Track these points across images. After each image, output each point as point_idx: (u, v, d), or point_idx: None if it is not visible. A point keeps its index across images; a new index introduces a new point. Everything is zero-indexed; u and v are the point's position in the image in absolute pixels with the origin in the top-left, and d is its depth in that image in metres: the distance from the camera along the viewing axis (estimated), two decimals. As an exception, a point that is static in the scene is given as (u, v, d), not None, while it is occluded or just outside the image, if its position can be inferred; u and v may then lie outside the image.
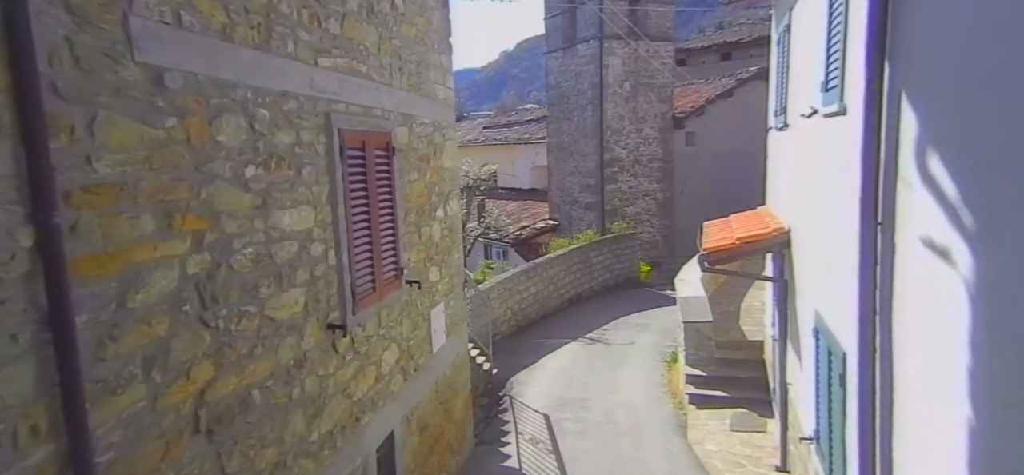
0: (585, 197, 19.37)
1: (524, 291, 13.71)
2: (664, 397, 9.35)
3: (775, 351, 7.64)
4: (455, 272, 6.96)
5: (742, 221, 7.58)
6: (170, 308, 2.86)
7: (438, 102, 6.42)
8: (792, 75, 6.46)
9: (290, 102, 3.80)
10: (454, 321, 6.92)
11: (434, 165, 6.31)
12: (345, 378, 4.45)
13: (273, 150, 3.63)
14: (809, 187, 5.24)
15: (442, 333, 6.46)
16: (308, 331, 3.96)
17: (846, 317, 3.89)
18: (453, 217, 6.91)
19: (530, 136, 23.96)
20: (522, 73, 65.18)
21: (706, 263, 6.60)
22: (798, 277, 5.87)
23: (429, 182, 6.17)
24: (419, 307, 5.87)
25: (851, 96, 3.79)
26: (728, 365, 8.90)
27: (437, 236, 6.39)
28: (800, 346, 5.76)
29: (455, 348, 6.96)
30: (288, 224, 3.76)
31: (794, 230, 6.18)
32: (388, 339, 5.17)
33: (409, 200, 5.66)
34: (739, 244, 6.52)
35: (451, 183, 6.86)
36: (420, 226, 5.93)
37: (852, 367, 3.74)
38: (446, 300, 6.65)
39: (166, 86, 2.85)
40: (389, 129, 5.13)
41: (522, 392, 9.85)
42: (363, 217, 4.65)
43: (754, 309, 10.56)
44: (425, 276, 6.01)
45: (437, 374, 6.33)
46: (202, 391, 3.07)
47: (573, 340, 12.46)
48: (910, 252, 2.96)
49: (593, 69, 18.47)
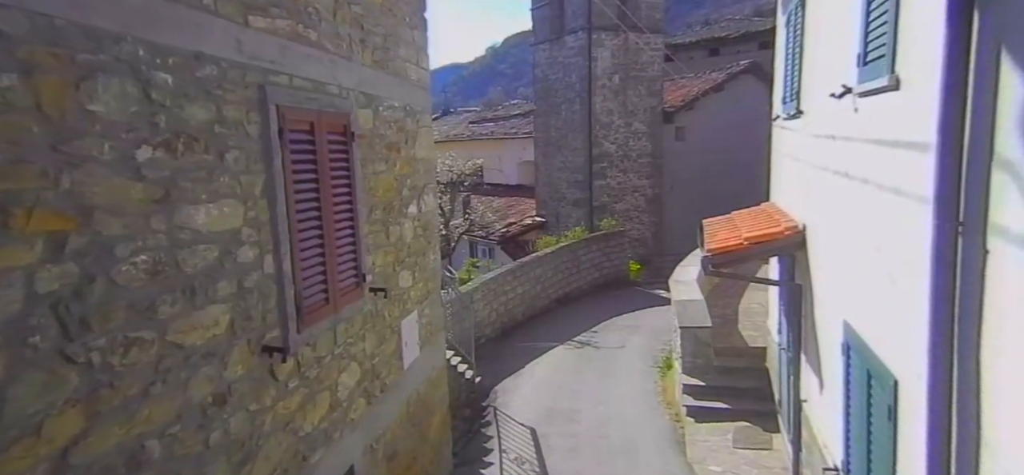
0: (573, 193, 18.61)
1: (510, 291, 12.91)
2: (659, 408, 8.60)
3: (781, 360, 6.91)
4: (431, 275, 6.14)
5: (747, 219, 6.83)
6: (5, 342, 2.02)
7: (410, 83, 5.58)
8: (807, 56, 5.71)
9: (207, 67, 2.95)
10: (430, 331, 6.10)
11: (405, 155, 5.48)
12: (288, 410, 3.61)
13: (181, 127, 2.78)
14: (834, 180, 4.48)
15: (415, 345, 5.64)
16: (234, 357, 3.12)
17: (901, 338, 3.13)
18: (429, 214, 6.08)
19: (517, 131, 23.14)
20: (509, 69, 64.12)
21: (710, 265, 5.84)
22: (817, 283, 5.12)
23: (399, 174, 5.33)
24: (387, 318, 5.04)
25: (910, 64, 3.02)
26: (728, 374, 8.17)
27: (409, 236, 5.56)
28: (820, 361, 5.01)
29: (431, 361, 6.13)
30: (205, 223, 2.92)
31: (810, 229, 5.43)
32: (347, 358, 4.34)
33: (375, 194, 4.83)
34: (748, 245, 5.76)
35: (426, 176, 6.03)
36: (388, 224, 5.09)
37: (912, 401, 2.98)
38: (420, 307, 5.82)
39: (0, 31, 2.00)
40: (347, 110, 4.29)
41: (507, 402, 9.05)
42: (313, 214, 3.81)
43: (753, 312, 9.84)
44: (394, 282, 5.18)
45: (409, 393, 5.51)
46: (65, 450, 2.22)
47: (561, 343, 11.68)
48: (1009, 262, 2.20)
49: (581, 61, 17.68)
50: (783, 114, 6.89)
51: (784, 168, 7.05)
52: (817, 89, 5.09)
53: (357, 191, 4.38)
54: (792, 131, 6.39)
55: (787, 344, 6.46)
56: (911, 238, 2.95)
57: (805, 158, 5.66)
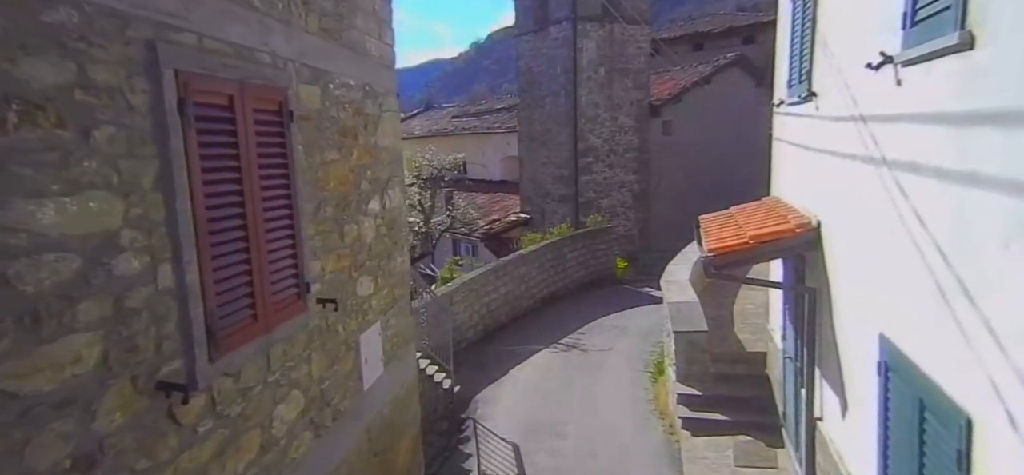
0: (558, 189, 17.87)
1: (493, 292, 12.12)
2: (651, 418, 7.89)
3: (786, 370, 6.22)
4: (398, 281, 5.34)
5: (750, 215, 6.12)
6: None
7: (369, 59, 4.77)
8: (821, 30, 4.99)
9: (61, 10, 2.13)
10: (397, 343, 5.30)
11: (365, 142, 4.67)
12: (198, 461, 2.80)
13: (15, 91, 1.97)
14: (863, 169, 3.77)
15: (378, 362, 4.84)
16: (109, 403, 2.31)
17: (980, 365, 2.41)
18: (395, 211, 5.28)
19: (501, 125, 22.35)
20: (494, 65, 63.07)
21: (712, 268, 5.12)
22: (838, 287, 4.41)
23: (357, 164, 4.52)
24: (341, 333, 4.23)
25: (999, 13, 2.30)
26: (726, 382, 7.48)
27: (370, 236, 4.75)
28: (842, 378, 4.31)
29: (399, 378, 5.34)
30: (55, 224, 2.10)
31: (828, 226, 4.73)
32: (285, 385, 3.53)
33: (324, 188, 4.02)
34: (754, 244, 5.04)
35: (392, 167, 5.22)
36: (342, 223, 4.29)
37: (1003, 452, 2.26)
38: (385, 318, 5.02)
39: None
40: (284, 84, 3.47)
41: (488, 414, 8.28)
42: (233, 212, 3.00)
43: (749, 313, 9.18)
44: (350, 291, 4.38)
45: (370, 418, 4.71)
46: None
47: (547, 346, 10.93)
48: None
49: (566, 53, 16.92)
50: (787, 99, 6.19)
51: (789, 158, 6.35)
52: (837, 66, 4.38)
53: (298, 183, 3.57)
54: (800, 117, 5.69)
55: (794, 353, 5.77)
56: (995, 237, 2.24)
57: (819, 145, 4.95)
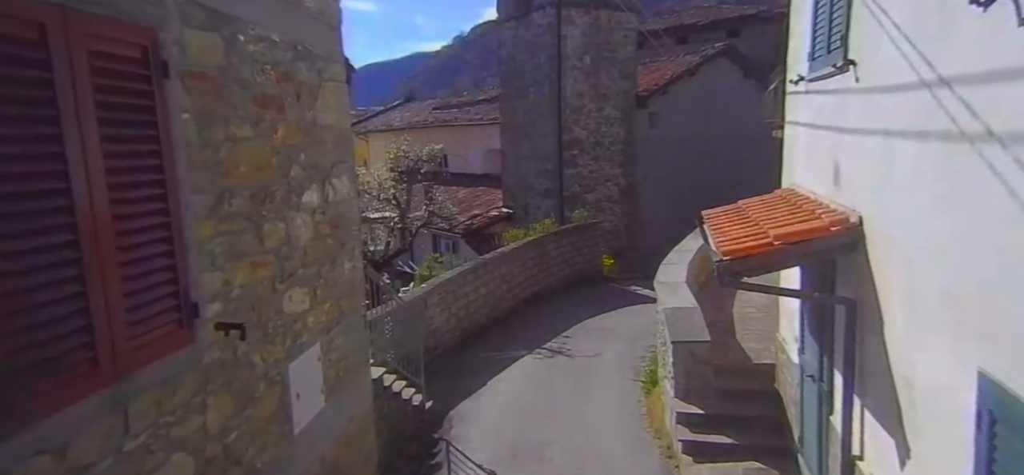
0: (542, 183, 16.88)
1: (471, 293, 11.10)
2: (646, 438, 6.94)
3: (804, 389, 5.30)
4: (346, 291, 4.29)
5: (765, 209, 5.17)
6: None
7: (303, 11, 3.71)
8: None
9: None
10: (345, 368, 4.26)
11: (297, 118, 3.61)
12: None
13: None
14: (950, 151, 2.82)
15: (316, 395, 3.80)
16: None
17: None
18: (342, 205, 4.23)
19: (483, 117, 21.27)
20: (477, 59, 61.70)
21: (728, 275, 4.14)
22: (895, 301, 3.46)
23: (284, 145, 3.46)
24: (257, 365, 3.18)
25: None
26: (731, 399, 6.55)
27: (305, 236, 3.70)
28: (903, 418, 3.36)
29: (347, 410, 4.30)
30: None
31: (876, 223, 3.79)
32: (160, 451, 2.48)
33: (230, 174, 2.96)
34: (780, 245, 4.08)
35: (338, 151, 4.16)
36: (261, 221, 3.23)
37: None
38: (327, 338, 3.97)
39: None
40: (154, 23, 2.40)
41: (464, 433, 7.27)
42: (51, 204, 1.95)
43: (750, 317, 8.28)
44: (272, 308, 3.33)
45: (305, 467, 3.67)
46: None
47: (529, 352, 9.95)
48: None
49: (550, 40, 15.91)
50: (809, 76, 5.24)
51: (809, 144, 5.41)
52: (897, 20, 3.42)
53: (180, 166, 2.51)
54: (828, 94, 4.74)
55: (818, 372, 4.85)
56: None
57: (861, 124, 4.00)
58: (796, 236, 4.12)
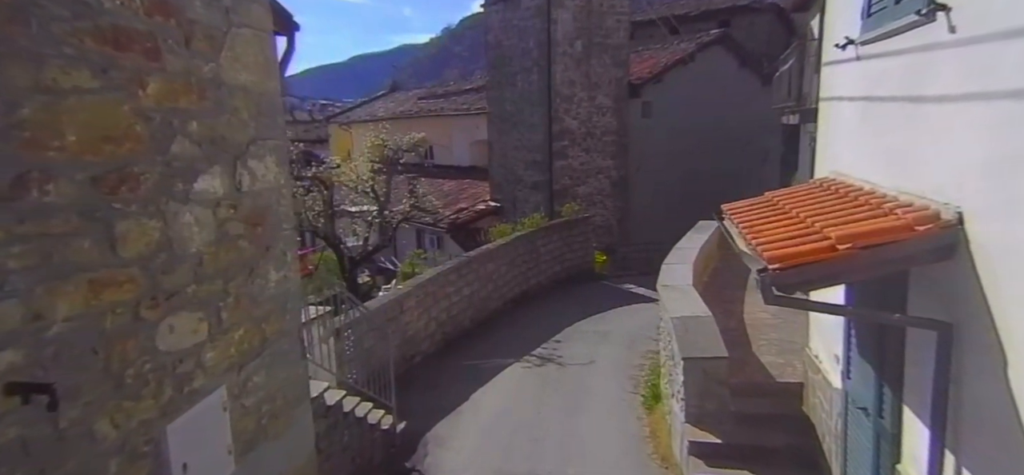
0: (531, 175, 15.78)
1: (454, 294, 10.00)
2: (652, 468, 5.89)
3: (853, 424, 4.27)
4: (273, 309, 3.16)
5: (808, 203, 4.10)
6: None
7: (192, -83, 2.57)
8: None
9: None
10: (270, 414, 3.14)
11: (182, 70, 2.47)
12: None
13: None
14: None
15: (221, 459, 2.69)
16: None
17: None
18: (264, 196, 3.10)
19: (470, 107, 20.12)
20: (466, 51, 60.27)
21: (778, 291, 3.08)
22: (1021, 327, 2.43)
23: (157, 107, 2.33)
24: (103, 437, 2.06)
25: None
26: (750, 424, 5.52)
27: (200, 239, 2.57)
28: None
29: (275, 468, 3.19)
30: None
31: (988, 222, 2.74)
32: None
33: (43, 145, 1.84)
34: (848, 251, 3.03)
35: (258, 124, 3.03)
36: (111, 219, 2.11)
37: None
38: (238, 377, 2.86)
39: None
40: None
41: (440, 461, 6.18)
42: None
43: (764, 324, 7.27)
44: (130, 348, 2.20)
45: (198, 564, 2.56)
46: None
47: (517, 360, 8.89)
48: None
49: (539, 24, 14.79)
50: (860, 37, 4.18)
51: (863, 120, 4.35)
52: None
53: None
54: (899, 54, 3.68)
55: (876, 406, 3.81)
56: None
57: (962, 88, 2.95)
58: (867, 237, 3.06)
